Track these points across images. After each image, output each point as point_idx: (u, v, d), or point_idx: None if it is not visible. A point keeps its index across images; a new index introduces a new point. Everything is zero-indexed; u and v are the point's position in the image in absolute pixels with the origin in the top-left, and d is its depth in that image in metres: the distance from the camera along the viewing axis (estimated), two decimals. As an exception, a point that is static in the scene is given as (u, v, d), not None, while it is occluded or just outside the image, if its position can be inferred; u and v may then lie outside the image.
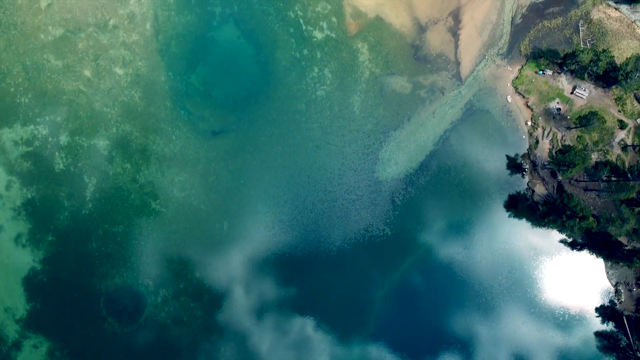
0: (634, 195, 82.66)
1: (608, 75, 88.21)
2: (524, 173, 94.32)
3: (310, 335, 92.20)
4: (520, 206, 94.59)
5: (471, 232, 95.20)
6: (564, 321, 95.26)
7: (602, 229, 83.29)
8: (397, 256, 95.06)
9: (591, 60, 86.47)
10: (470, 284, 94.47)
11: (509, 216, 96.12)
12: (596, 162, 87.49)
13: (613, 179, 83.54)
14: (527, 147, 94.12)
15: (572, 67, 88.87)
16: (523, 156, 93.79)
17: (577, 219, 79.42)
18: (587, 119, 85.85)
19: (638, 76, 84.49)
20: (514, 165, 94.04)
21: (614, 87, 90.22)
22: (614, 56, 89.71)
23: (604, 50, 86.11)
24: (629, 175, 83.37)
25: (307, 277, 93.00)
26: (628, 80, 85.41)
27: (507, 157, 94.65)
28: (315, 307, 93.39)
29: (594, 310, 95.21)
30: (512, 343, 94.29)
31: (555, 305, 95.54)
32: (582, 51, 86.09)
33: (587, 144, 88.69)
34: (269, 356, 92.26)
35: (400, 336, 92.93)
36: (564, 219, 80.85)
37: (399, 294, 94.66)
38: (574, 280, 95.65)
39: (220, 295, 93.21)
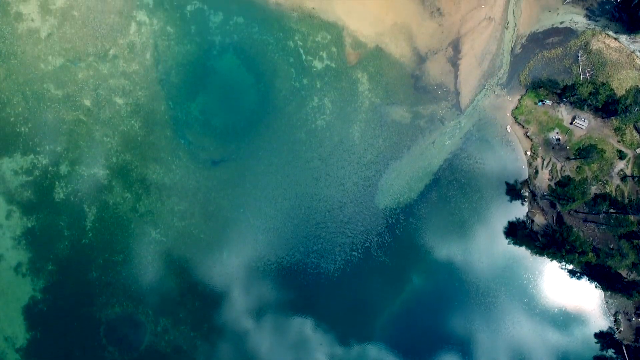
0: (633, 229, 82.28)
1: (607, 107, 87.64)
2: (524, 202, 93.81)
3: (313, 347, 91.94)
4: (519, 235, 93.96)
5: (471, 261, 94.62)
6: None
7: (602, 262, 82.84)
8: (397, 284, 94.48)
9: (590, 93, 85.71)
10: (470, 315, 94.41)
11: (509, 244, 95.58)
12: (595, 195, 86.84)
13: (612, 211, 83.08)
14: (527, 176, 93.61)
15: (572, 100, 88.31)
16: (522, 186, 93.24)
17: (577, 254, 78.90)
18: (586, 152, 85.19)
19: (637, 110, 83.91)
20: (513, 195, 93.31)
21: (613, 117, 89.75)
22: (613, 89, 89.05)
23: (603, 84, 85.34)
24: (628, 209, 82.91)
25: (308, 309, 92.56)
26: (627, 114, 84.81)
27: (507, 186, 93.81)
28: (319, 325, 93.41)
29: (593, 336, 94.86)
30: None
31: (555, 332, 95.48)
32: (582, 84, 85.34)
33: (587, 176, 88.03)
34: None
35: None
36: (564, 253, 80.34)
37: (398, 319, 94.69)
38: (574, 306, 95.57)
39: (220, 324, 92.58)
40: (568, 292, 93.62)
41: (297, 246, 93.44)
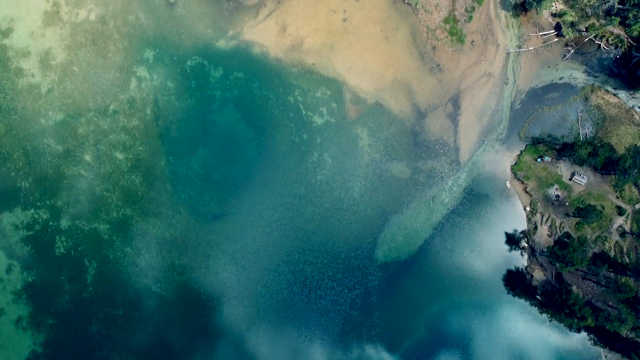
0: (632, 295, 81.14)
1: (607, 167, 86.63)
2: (523, 254, 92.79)
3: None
4: (518, 289, 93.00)
5: (470, 315, 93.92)
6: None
7: (600, 324, 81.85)
8: (397, 338, 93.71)
9: (590, 154, 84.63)
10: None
11: (508, 294, 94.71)
12: (594, 254, 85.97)
13: (611, 273, 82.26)
14: (526, 232, 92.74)
15: (571, 160, 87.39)
16: (522, 241, 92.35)
17: (576, 318, 78.00)
18: (585, 212, 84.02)
19: (636, 172, 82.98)
20: (512, 250, 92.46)
21: (612, 174, 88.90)
22: (613, 147, 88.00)
23: (602, 145, 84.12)
24: (627, 271, 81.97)
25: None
26: (626, 176, 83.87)
27: (506, 242, 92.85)
28: None
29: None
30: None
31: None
32: (581, 146, 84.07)
33: (586, 236, 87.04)
34: None
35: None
36: (563, 317, 79.43)
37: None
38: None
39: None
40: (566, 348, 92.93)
41: (297, 302, 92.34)
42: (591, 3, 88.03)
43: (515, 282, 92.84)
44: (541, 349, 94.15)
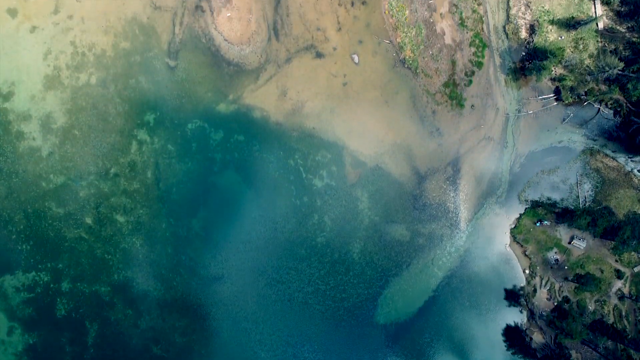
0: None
1: (606, 234, 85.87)
2: (522, 313, 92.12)
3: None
4: (517, 348, 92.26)
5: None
6: None
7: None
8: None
9: (589, 224, 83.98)
10: None
11: (507, 350, 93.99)
12: (593, 322, 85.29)
13: (610, 344, 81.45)
14: (525, 295, 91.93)
15: (570, 227, 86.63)
16: (521, 304, 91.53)
17: (575, 389, 77.16)
18: (585, 280, 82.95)
19: (635, 243, 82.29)
20: (512, 310, 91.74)
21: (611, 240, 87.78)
22: (612, 213, 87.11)
23: (601, 215, 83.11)
24: (626, 342, 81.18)
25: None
26: (625, 246, 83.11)
27: (505, 304, 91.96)
28: None
29: None
30: None
31: None
32: (580, 216, 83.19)
33: (586, 300, 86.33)
34: None
35: None
36: (562, 386, 78.68)
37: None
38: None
39: None
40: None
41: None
42: (591, 69, 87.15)
43: (515, 342, 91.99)
44: None
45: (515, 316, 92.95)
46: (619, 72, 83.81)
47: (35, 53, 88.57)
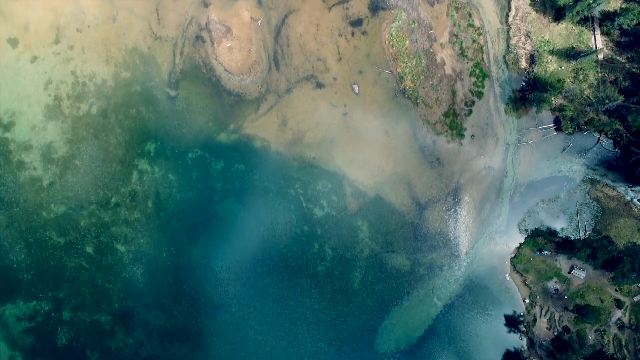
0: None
1: (606, 266, 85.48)
2: (522, 343, 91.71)
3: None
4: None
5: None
6: None
7: None
8: None
9: (589, 256, 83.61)
10: None
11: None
12: (594, 353, 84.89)
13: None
14: (525, 323, 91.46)
15: (571, 259, 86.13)
16: (521, 331, 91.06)
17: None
18: (585, 311, 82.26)
19: (635, 276, 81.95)
20: (511, 342, 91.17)
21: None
22: (612, 242, 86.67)
23: (601, 247, 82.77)
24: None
25: None
26: (625, 279, 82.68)
27: (505, 333, 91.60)
28: None
29: None
30: None
31: None
32: (580, 248, 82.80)
33: (585, 330, 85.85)
34: None
35: None
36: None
37: None
38: None
39: None
40: None
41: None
42: (591, 100, 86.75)
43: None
44: None
45: (516, 343, 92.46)
46: (620, 104, 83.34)
47: (36, 83, 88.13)
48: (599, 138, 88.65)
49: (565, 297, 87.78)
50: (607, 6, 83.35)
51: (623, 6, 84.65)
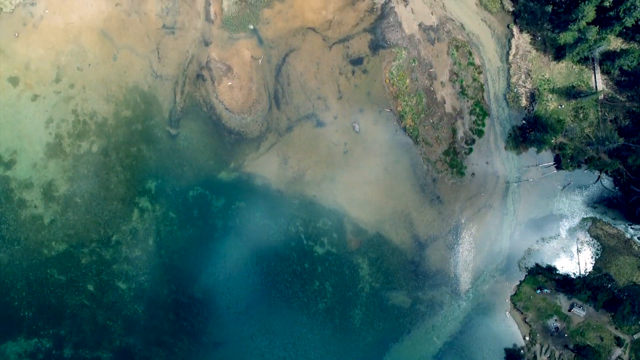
0: None
1: (606, 306, 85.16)
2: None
3: None
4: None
5: None
6: None
7: None
8: None
9: (589, 297, 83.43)
10: None
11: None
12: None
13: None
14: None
15: (571, 299, 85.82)
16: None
17: None
18: (585, 352, 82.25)
19: (634, 318, 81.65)
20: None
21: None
22: (612, 279, 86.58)
23: (602, 287, 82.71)
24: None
25: None
26: (625, 322, 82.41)
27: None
28: None
29: None
30: None
31: None
32: (580, 290, 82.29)
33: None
34: None
35: None
36: None
37: None
38: None
39: None
40: None
41: None
42: (591, 139, 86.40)
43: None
44: None
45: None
46: (620, 144, 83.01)
47: (37, 121, 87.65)
48: (599, 176, 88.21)
49: (566, 335, 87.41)
50: (608, 46, 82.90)
51: (623, 47, 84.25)
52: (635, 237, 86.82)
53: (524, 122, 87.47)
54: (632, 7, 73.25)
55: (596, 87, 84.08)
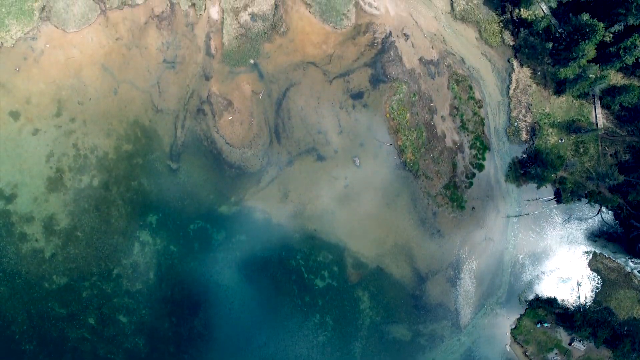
0: None
1: (606, 343, 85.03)
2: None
3: None
4: None
5: None
6: None
7: None
8: None
9: (590, 334, 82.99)
10: None
11: None
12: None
13: None
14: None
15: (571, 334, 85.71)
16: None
17: None
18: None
19: (635, 357, 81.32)
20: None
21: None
22: (612, 313, 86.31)
23: (602, 324, 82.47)
24: None
25: None
26: (625, 359, 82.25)
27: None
28: None
29: None
30: None
31: None
32: (580, 327, 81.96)
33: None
34: None
35: None
36: None
37: None
38: None
39: None
40: None
41: None
42: (591, 173, 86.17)
43: None
44: None
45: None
46: (621, 179, 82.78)
47: (38, 155, 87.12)
48: (600, 209, 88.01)
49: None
50: (608, 83, 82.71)
51: (623, 82, 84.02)
52: (636, 271, 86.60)
53: (524, 155, 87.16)
54: (632, 46, 73.00)
55: (596, 123, 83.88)
